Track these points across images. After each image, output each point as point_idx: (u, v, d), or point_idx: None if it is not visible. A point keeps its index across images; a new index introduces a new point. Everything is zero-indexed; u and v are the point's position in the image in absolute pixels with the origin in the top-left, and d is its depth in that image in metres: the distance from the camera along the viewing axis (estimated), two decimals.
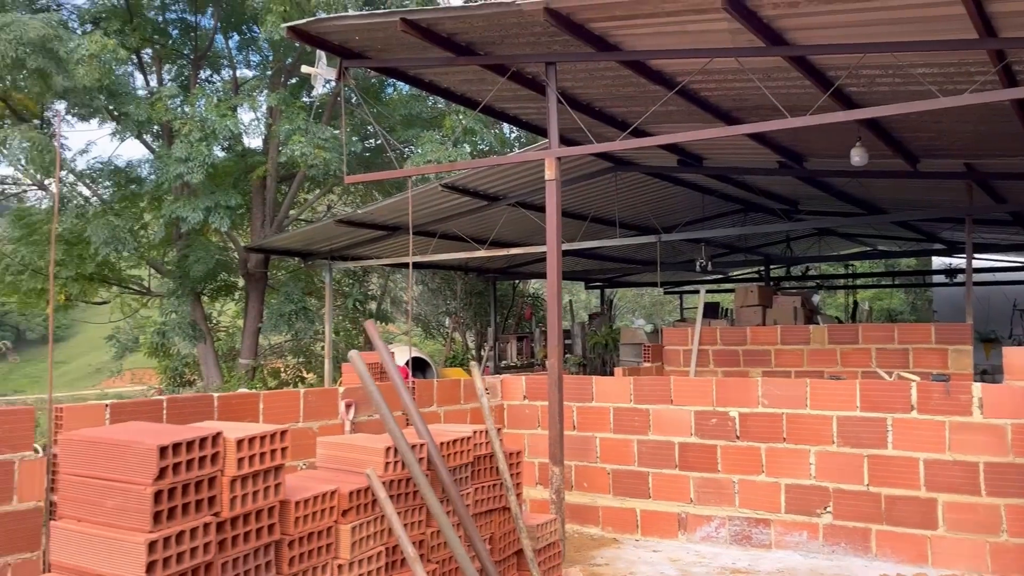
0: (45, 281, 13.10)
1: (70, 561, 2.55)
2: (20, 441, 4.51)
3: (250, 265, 14.16)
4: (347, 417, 6.50)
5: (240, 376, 14.02)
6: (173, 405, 5.25)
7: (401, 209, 10.88)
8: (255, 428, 2.94)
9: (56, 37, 10.39)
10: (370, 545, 3.37)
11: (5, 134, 11.59)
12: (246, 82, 14.67)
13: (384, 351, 3.94)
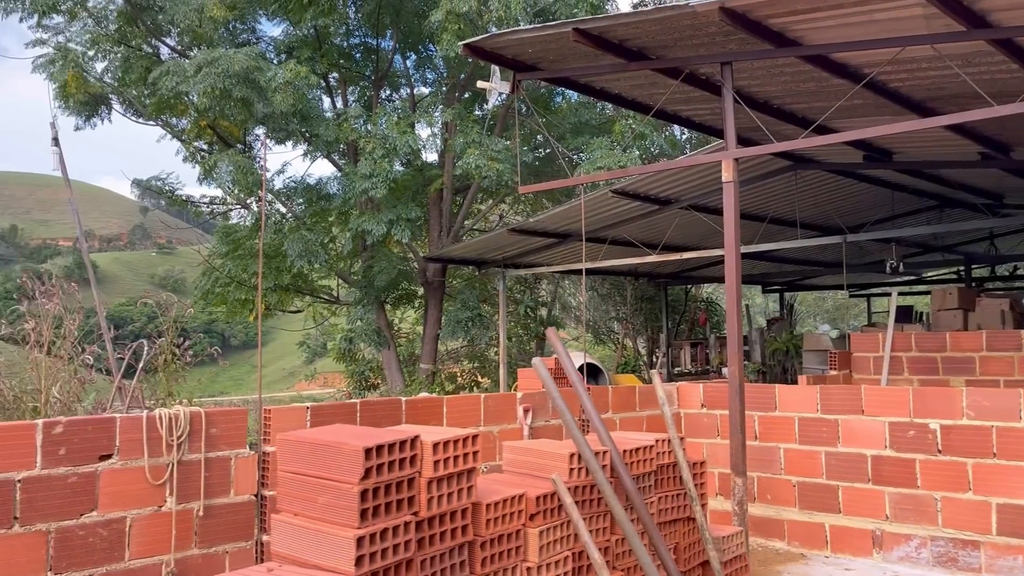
0: (248, 292, 14.25)
1: (287, 551, 2.77)
2: (235, 439, 4.94)
3: (429, 274, 14.76)
4: (525, 422, 6.63)
5: (421, 380, 14.62)
6: (365, 407, 5.57)
7: (571, 216, 10.97)
8: (449, 432, 3.08)
9: (257, 68, 11.33)
10: (557, 550, 3.43)
11: (215, 159, 12.75)
12: (423, 99, 15.33)
13: (566, 358, 4.00)
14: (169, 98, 12.57)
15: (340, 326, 18.04)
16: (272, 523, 2.81)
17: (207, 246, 16.44)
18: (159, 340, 7.89)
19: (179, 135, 14.54)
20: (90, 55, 13.55)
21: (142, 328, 8.88)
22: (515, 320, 16.48)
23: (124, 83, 13.70)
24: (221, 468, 4.85)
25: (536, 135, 14.48)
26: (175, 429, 4.61)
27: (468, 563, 3.05)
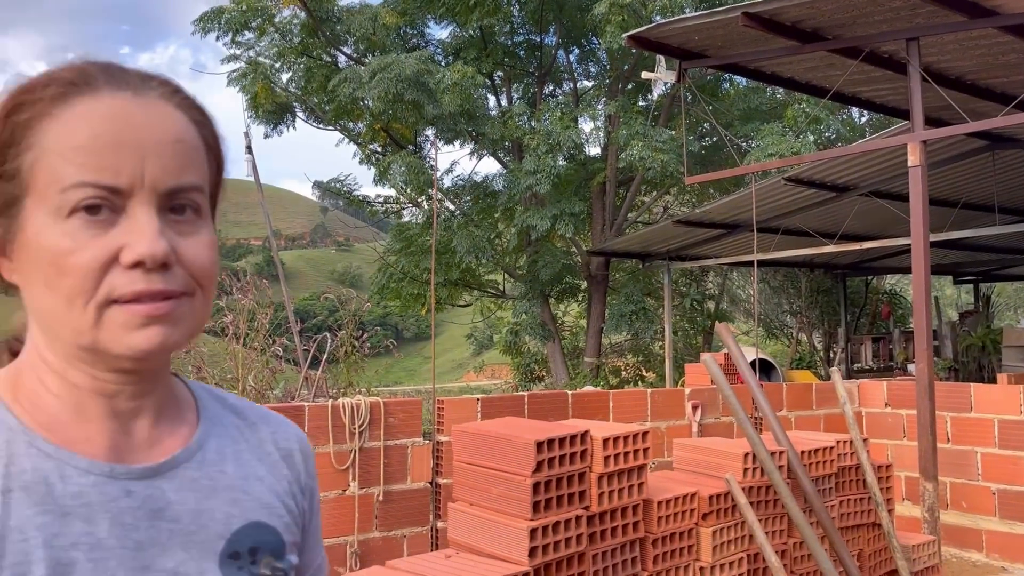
0: (421, 287, 14.84)
1: (463, 539, 2.86)
2: (411, 428, 5.17)
3: (592, 268, 14.76)
4: (694, 419, 6.50)
5: (585, 374, 14.66)
6: (533, 400, 5.66)
7: (740, 206, 10.62)
8: (619, 428, 3.07)
9: (426, 71, 11.76)
10: (731, 550, 3.35)
11: (389, 161, 13.35)
12: (586, 93, 15.33)
13: (738, 353, 3.88)
14: (346, 104, 13.28)
15: (506, 319, 18.41)
16: (449, 511, 2.91)
17: (382, 243, 17.25)
18: (340, 333, 8.38)
19: (355, 139, 15.33)
20: (276, 67, 14.55)
21: (324, 321, 9.47)
22: (681, 314, 16.17)
23: (306, 91, 14.61)
24: (398, 456, 5.10)
25: (702, 124, 14.12)
26: (357, 418, 4.88)
27: (640, 559, 3.03)
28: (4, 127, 0.79)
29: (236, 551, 0.86)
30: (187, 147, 0.82)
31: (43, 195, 0.78)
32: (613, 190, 14.82)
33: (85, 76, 0.80)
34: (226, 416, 0.95)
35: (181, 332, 0.80)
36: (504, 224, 15.32)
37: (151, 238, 0.77)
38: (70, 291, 0.77)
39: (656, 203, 17.44)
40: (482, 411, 5.36)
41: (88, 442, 0.82)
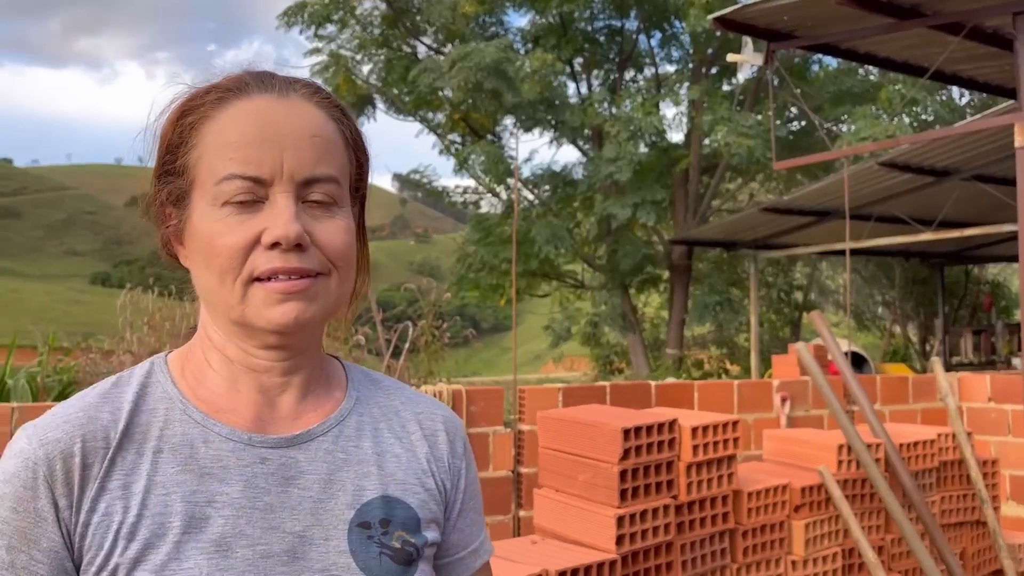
0: (499, 277, 14.86)
1: (549, 525, 2.83)
2: (493, 416, 5.17)
3: (674, 257, 14.52)
4: (783, 411, 6.31)
5: (667, 366, 14.45)
6: (615, 390, 5.58)
7: (831, 193, 10.25)
8: (708, 417, 2.98)
9: (506, 59, 11.75)
10: (824, 544, 3.22)
11: (468, 150, 13.41)
12: (668, 78, 15.06)
13: (832, 343, 3.73)
14: (426, 94, 13.40)
15: (584, 310, 18.30)
16: (535, 497, 2.89)
17: (461, 234, 17.35)
18: (420, 322, 8.46)
19: (435, 129, 15.45)
20: (357, 59, 14.79)
21: (403, 311, 9.62)
22: (767, 305, 15.77)
23: (387, 83, 14.80)
24: (480, 444, 5.10)
25: (790, 108, 13.71)
26: None
27: (729, 551, 2.94)
28: (175, 130, 0.92)
29: (366, 521, 0.92)
30: (324, 141, 0.91)
31: (204, 187, 0.89)
32: (697, 177, 14.53)
33: (240, 83, 0.92)
34: (375, 395, 1.02)
35: (316, 308, 0.89)
36: (583, 213, 15.21)
37: (286, 221, 0.86)
38: (221, 268, 0.88)
39: (741, 190, 17.04)
40: (563, 401, 5.31)
41: (234, 412, 0.92)
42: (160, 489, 0.86)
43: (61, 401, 0.93)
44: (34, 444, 0.85)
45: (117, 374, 0.94)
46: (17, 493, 0.83)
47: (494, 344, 63.10)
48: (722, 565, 2.93)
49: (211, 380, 0.93)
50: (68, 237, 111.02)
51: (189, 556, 0.84)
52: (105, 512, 0.84)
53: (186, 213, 0.91)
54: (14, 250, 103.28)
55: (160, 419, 0.89)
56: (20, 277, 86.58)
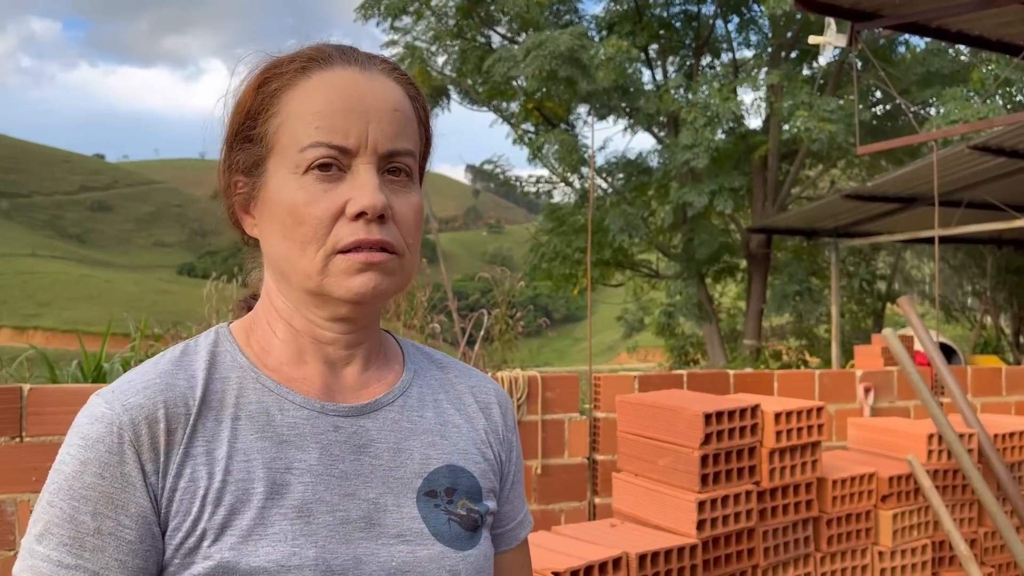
0: (572, 267, 14.82)
1: (628, 509, 2.83)
2: (568, 403, 5.18)
3: (752, 246, 14.24)
4: (866, 402, 6.14)
5: (744, 357, 14.20)
6: (692, 379, 5.51)
7: (918, 178, 9.87)
8: (792, 403, 2.93)
9: (580, 47, 11.68)
10: (913, 536, 3.13)
11: (542, 139, 13.39)
12: (745, 63, 14.74)
13: (922, 330, 3.61)
14: (500, 84, 13.42)
15: (658, 300, 18.10)
16: (614, 481, 2.89)
17: (533, 224, 17.35)
18: (494, 311, 8.52)
19: (508, 119, 15.47)
20: (432, 51, 14.91)
21: (477, 301, 9.73)
22: (848, 295, 15.32)
23: (461, 74, 14.88)
24: (555, 430, 5.11)
25: (874, 91, 13.25)
26: (515, 391, 4.94)
27: (813, 539, 2.89)
28: (256, 97, 0.91)
29: (433, 489, 0.93)
30: (403, 116, 0.92)
31: (284, 155, 0.89)
32: (775, 164, 14.19)
33: (322, 53, 0.92)
34: (430, 369, 1.04)
35: (391, 283, 0.89)
36: (659, 201, 15.03)
37: (372, 192, 0.87)
38: (303, 238, 0.87)
39: (822, 177, 16.58)
40: (639, 389, 5.27)
41: (304, 381, 0.92)
42: (241, 456, 0.86)
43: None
44: (117, 409, 0.84)
45: (182, 342, 0.94)
46: (102, 458, 0.82)
47: (566, 334, 63.01)
48: (805, 553, 2.88)
49: (277, 350, 0.93)
50: (156, 229, 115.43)
51: (273, 521, 0.84)
52: (191, 478, 0.84)
53: (260, 181, 0.91)
54: (107, 242, 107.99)
55: (234, 387, 0.89)
56: (112, 268, 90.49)
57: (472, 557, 0.92)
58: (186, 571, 0.83)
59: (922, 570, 3.13)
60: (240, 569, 0.82)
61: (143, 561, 0.82)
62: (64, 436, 0.86)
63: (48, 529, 0.81)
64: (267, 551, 0.83)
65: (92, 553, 0.81)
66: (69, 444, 0.84)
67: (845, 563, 2.99)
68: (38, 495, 2.72)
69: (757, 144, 13.75)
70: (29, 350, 5.55)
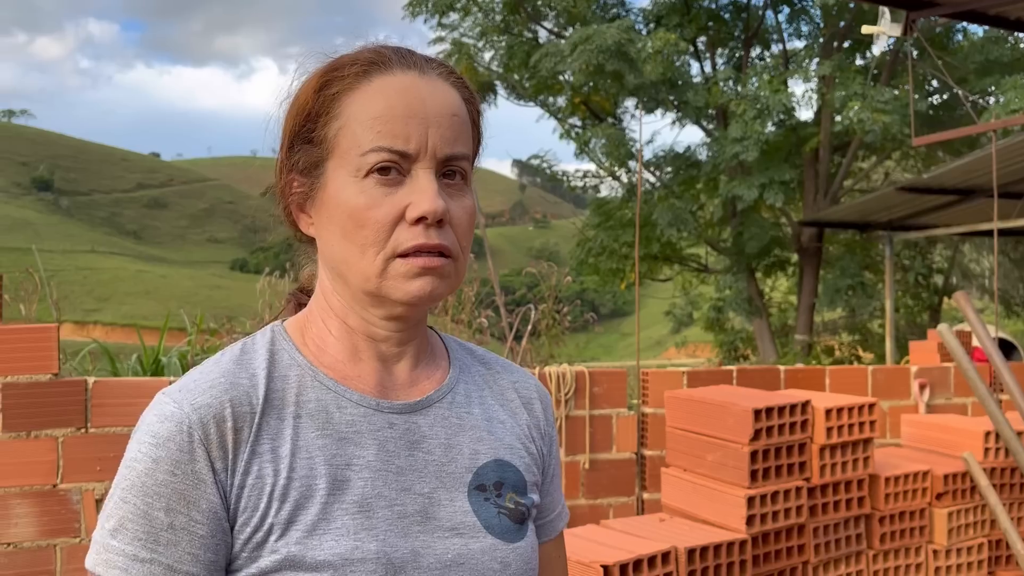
0: (620, 261, 14.75)
1: (677, 504, 2.83)
2: (616, 398, 5.17)
3: (803, 239, 14.01)
4: (921, 399, 6.02)
5: (795, 353, 13.99)
6: (742, 374, 5.46)
7: (976, 170, 9.62)
8: (843, 399, 2.90)
9: (628, 40, 11.61)
10: (969, 534, 3.08)
11: (589, 134, 13.35)
12: (796, 54, 14.50)
13: (979, 325, 3.54)
14: (547, 78, 13.40)
15: (707, 295, 17.92)
16: (662, 476, 2.89)
17: (580, 218, 17.30)
18: (540, 306, 8.55)
19: (555, 114, 15.45)
20: (479, 47, 14.95)
21: (523, 296, 9.76)
22: (903, 289, 14.99)
23: (508, 69, 14.88)
24: (603, 425, 5.11)
25: (930, 80, 12.92)
26: (563, 386, 4.95)
27: (865, 536, 2.86)
28: (316, 99, 0.92)
29: (482, 484, 0.96)
30: (460, 121, 0.94)
31: (344, 157, 0.90)
32: (827, 156, 13.94)
33: (381, 56, 0.93)
34: (474, 365, 1.06)
35: (446, 286, 0.91)
36: (707, 195, 14.87)
37: (432, 197, 0.88)
38: (364, 241, 0.89)
39: (875, 169, 16.23)
40: (688, 384, 5.25)
41: (360, 379, 0.94)
42: (304, 453, 0.88)
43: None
44: (186, 409, 0.86)
45: (239, 341, 0.96)
46: (173, 456, 0.84)
47: (613, 329, 62.72)
48: (857, 551, 2.86)
49: (332, 347, 0.95)
50: (209, 225, 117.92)
51: (336, 516, 0.87)
52: (258, 475, 0.86)
53: (319, 182, 0.92)
54: (162, 238, 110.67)
55: (294, 385, 0.91)
56: (168, 264, 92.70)
57: (521, 549, 0.95)
58: (253, 564, 0.86)
59: (978, 569, 3.08)
60: (306, 562, 0.84)
61: (214, 555, 0.85)
62: (127, 428, 0.91)
63: (122, 524, 0.84)
64: (331, 545, 0.85)
65: (166, 547, 0.83)
66: (140, 442, 0.86)
67: (899, 561, 2.95)
68: (102, 484, 2.81)
69: (808, 136, 13.51)
70: (91, 344, 5.73)
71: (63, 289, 42.60)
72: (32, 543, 2.75)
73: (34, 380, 2.76)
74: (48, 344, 2.78)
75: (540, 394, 1.08)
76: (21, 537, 2.73)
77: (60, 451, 2.78)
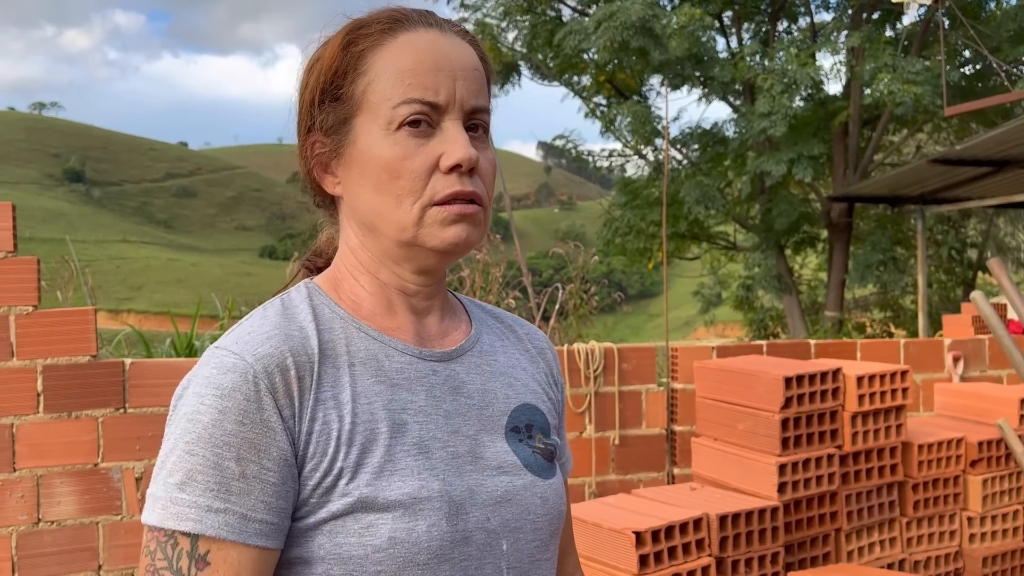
0: (647, 240, 14.67)
1: (707, 473, 2.84)
2: (645, 374, 5.17)
3: (833, 215, 13.84)
4: (955, 371, 5.95)
5: (826, 329, 13.86)
6: (772, 349, 5.43)
7: (1011, 140, 9.43)
8: (874, 366, 2.89)
9: (653, 16, 11.48)
10: (1004, 502, 3.06)
11: (615, 112, 13.25)
12: (824, 27, 14.27)
13: (1015, 294, 3.49)
14: (571, 57, 13.29)
15: (736, 273, 17.79)
16: (692, 446, 2.90)
17: (607, 199, 17.21)
18: (568, 287, 8.55)
19: (580, 93, 15.34)
20: (502, 27, 14.86)
21: (550, 277, 9.75)
22: (936, 264, 14.77)
23: (532, 49, 14.79)
24: (633, 401, 5.12)
25: (962, 50, 12.66)
26: (592, 362, 4.96)
27: (898, 503, 2.85)
28: (343, 57, 0.94)
29: (516, 426, 1.00)
30: (480, 75, 0.98)
31: (375, 112, 0.93)
32: (857, 130, 13.72)
33: (404, 15, 0.96)
34: (488, 319, 1.11)
35: (478, 234, 0.95)
36: (735, 172, 14.71)
37: (465, 146, 0.92)
38: (400, 191, 0.92)
39: (907, 143, 15.96)
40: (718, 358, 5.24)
41: (399, 330, 0.97)
42: (364, 399, 0.91)
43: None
44: (248, 359, 0.87)
45: (275, 298, 0.97)
46: (240, 406, 0.85)
47: (640, 310, 62.52)
48: (891, 518, 2.85)
49: (367, 302, 0.97)
50: (238, 213, 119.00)
51: (400, 458, 0.90)
52: (324, 421, 0.88)
53: (347, 139, 0.94)
54: (192, 226, 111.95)
55: (341, 336, 0.93)
56: (198, 252, 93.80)
57: (555, 485, 1.01)
58: (323, 508, 0.87)
59: (1013, 536, 3.06)
60: (378, 503, 0.87)
61: (285, 502, 0.87)
62: (164, 408, 0.92)
63: (191, 477, 0.84)
64: (399, 485, 0.88)
65: (239, 496, 0.84)
66: (200, 395, 0.87)
67: (932, 528, 2.95)
68: (141, 463, 2.86)
69: (837, 110, 13.30)
70: (126, 330, 5.83)
71: (97, 279, 43.28)
72: (76, 521, 2.82)
73: (74, 362, 2.82)
74: (86, 327, 2.84)
75: (548, 345, 1.13)
76: (65, 515, 2.81)
77: (100, 431, 2.84)
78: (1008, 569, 3.03)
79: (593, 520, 2.44)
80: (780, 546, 2.53)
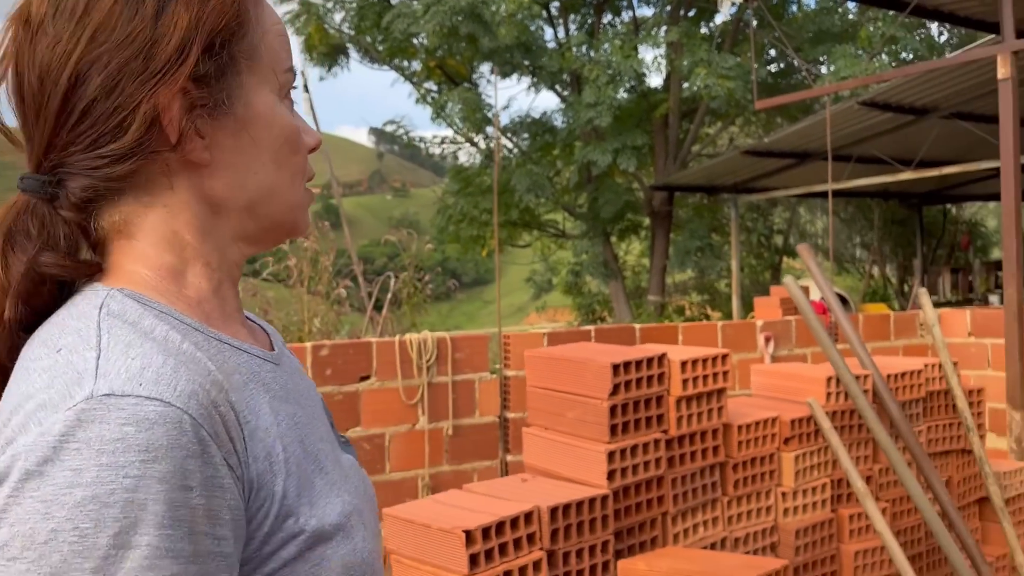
0: (480, 228, 14.73)
1: (538, 463, 2.80)
2: (478, 363, 5.13)
3: (655, 204, 14.45)
4: (767, 351, 6.34)
5: (649, 313, 14.47)
6: (600, 334, 5.56)
7: (811, 135, 10.18)
8: (697, 351, 2.95)
9: (482, 3, 11.47)
10: (814, 476, 3.23)
11: (445, 98, 13.15)
12: (646, 21, 14.81)
13: (821, 277, 3.70)
14: (400, 41, 13.07)
15: (566, 260, 18.24)
16: (523, 436, 2.86)
17: (440, 187, 17.12)
18: (401, 275, 8.38)
19: (410, 77, 15.14)
20: (329, 7, 14.38)
21: (384, 266, 9.58)
22: (747, 250, 15.78)
23: (360, 31, 14.42)
24: (466, 391, 5.07)
25: (768, 50, 13.53)
26: (424, 353, 4.85)
27: (720, 484, 2.94)
28: (232, 4, 0.76)
29: (331, 423, 0.93)
30: None
31: (266, 74, 0.79)
32: (677, 122, 14.39)
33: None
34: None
35: None
36: (564, 161, 15.05)
37: (312, 127, 0.84)
38: (295, 168, 0.82)
39: (721, 135, 16.92)
40: (548, 345, 5.28)
41: (239, 335, 0.81)
42: (274, 419, 0.76)
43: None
44: (177, 403, 0.65)
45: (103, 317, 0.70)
46: (182, 467, 0.63)
47: (475, 297, 63.04)
48: (713, 498, 2.93)
49: (208, 302, 0.78)
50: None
51: (329, 470, 0.81)
52: (265, 458, 0.72)
53: (234, 97, 0.75)
54: None
55: (215, 352, 0.74)
56: None
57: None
58: (272, 558, 0.72)
59: (822, 508, 3.24)
60: (325, 532, 0.75)
61: (238, 564, 0.69)
62: None
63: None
64: (331, 507, 0.78)
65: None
66: (116, 466, 0.62)
67: (751, 505, 3.05)
68: None
69: (658, 102, 13.88)
70: None
71: None
72: None
73: None
74: None
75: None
76: None
77: None
78: (818, 540, 3.20)
79: (422, 520, 2.33)
80: (610, 534, 2.53)
